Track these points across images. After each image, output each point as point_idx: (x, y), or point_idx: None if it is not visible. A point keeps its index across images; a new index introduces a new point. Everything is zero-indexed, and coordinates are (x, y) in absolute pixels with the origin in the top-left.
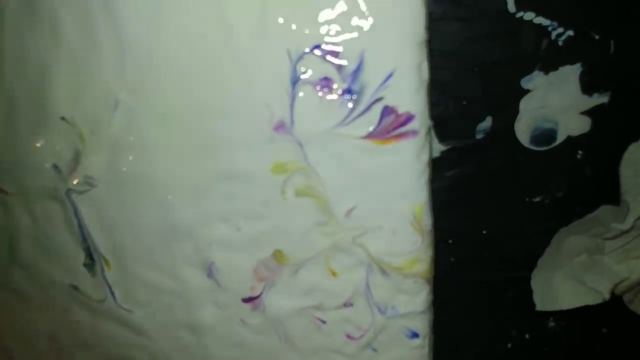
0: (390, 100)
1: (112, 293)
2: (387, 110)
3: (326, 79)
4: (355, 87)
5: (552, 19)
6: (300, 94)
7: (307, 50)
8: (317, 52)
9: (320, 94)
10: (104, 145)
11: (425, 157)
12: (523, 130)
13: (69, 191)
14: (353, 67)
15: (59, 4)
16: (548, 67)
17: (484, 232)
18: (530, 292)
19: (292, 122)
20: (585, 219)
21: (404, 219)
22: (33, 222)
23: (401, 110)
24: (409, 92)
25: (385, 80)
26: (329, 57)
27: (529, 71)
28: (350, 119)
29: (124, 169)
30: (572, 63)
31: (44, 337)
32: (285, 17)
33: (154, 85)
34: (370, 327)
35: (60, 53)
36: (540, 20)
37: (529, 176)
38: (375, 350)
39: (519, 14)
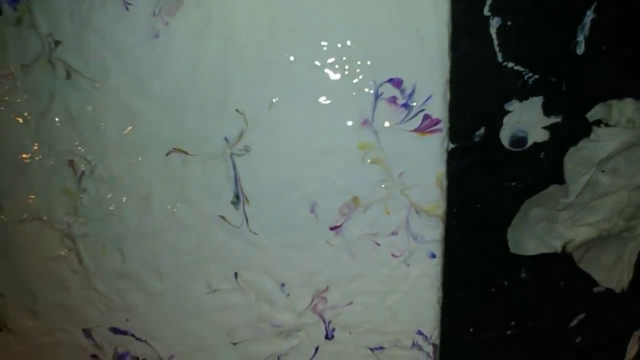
0: (429, 111)
1: (247, 221)
2: (426, 117)
3: (394, 97)
4: (410, 103)
5: (525, 67)
6: (379, 104)
7: (384, 80)
8: (390, 83)
9: (390, 105)
10: (259, 128)
11: (445, 145)
12: (505, 137)
13: (232, 154)
14: (409, 91)
15: (244, 43)
16: (522, 97)
17: (477, 205)
18: (500, 243)
19: (373, 120)
20: (541, 193)
21: (431, 179)
22: (202, 173)
23: (434, 116)
24: (439, 107)
25: (426, 100)
26: (396, 85)
27: (510, 99)
28: (405, 120)
29: (270, 143)
30: (537, 95)
31: (186, 252)
32: (372, 61)
33: (296, 91)
34: (407, 249)
35: (241, 71)
36: (518, 67)
37: (508, 168)
38: (408, 265)
39: (504, 63)
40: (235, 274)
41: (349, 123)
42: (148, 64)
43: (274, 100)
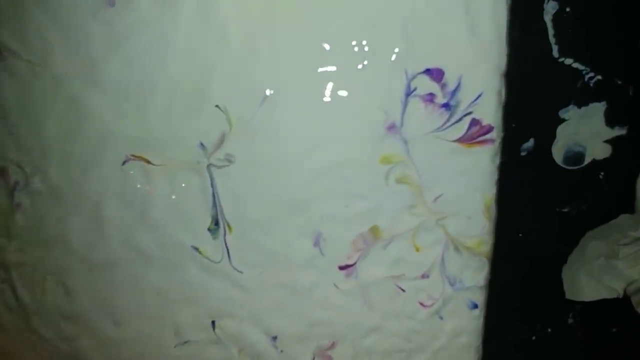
0: (478, 115)
1: (229, 255)
2: (474, 122)
3: (431, 94)
4: (452, 102)
5: (586, 65)
6: (411, 103)
7: (419, 71)
8: (427, 75)
9: (425, 105)
10: (247, 130)
11: (497, 161)
12: (558, 152)
13: (209, 165)
14: (452, 87)
15: (228, 15)
16: (581, 102)
17: (520, 234)
18: (555, 287)
19: (402, 124)
20: (607, 224)
21: (477, 207)
22: (171, 190)
23: (485, 122)
24: (491, 110)
25: (476, 99)
26: (435, 78)
27: (566, 104)
28: (445, 126)
29: (260, 151)
30: (599, 101)
31: (152, 292)
32: (409, 42)
33: (298, 84)
34: (440, 296)
35: (224, 53)
36: (577, 65)
37: (560, 190)
38: (441, 318)
39: (561, 59)
40: (213, 322)
41: (369, 127)
42: (102, 42)
43: (267, 94)
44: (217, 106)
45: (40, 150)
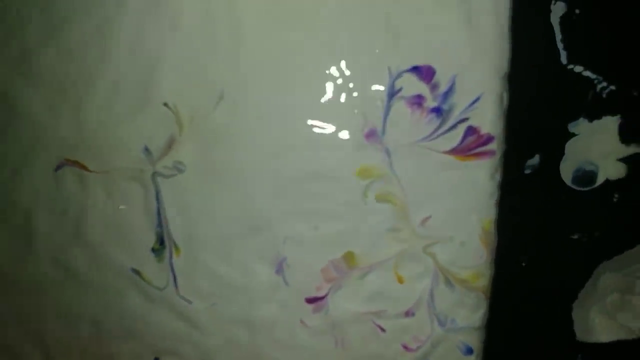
0: (475, 122)
1: (175, 281)
2: (470, 130)
3: (419, 96)
4: (445, 107)
5: (598, 74)
6: (395, 107)
7: (406, 69)
8: (414, 73)
9: (412, 109)
10: (200, 134)
11: (498, 177)
12: (567, 170)
13: (155, 174)
14: (445, 88)
15: (183, 0)
16: (592, 115)
17: (523, 264)
18: (562, 323)
19: (384, 131)
20: (623, 254)
21: (474, 232)
22: (109, 201)
23: (483, 131)
24: (492, 116)
25: (472, 103)
26: (424, 77)
27: (576, 117)
28: (436, 134)
29: (215, 159)
30: (613, 114)
31: (87, 322)
32: (394, 34)
33: (260, 83)
34: (428, 339)
35: (176, 43)
36: (588, 73)
37: (569, 214)
38: None
39: (570, 66)
40: (156, 359)
41: (344, 134)
42: (36, 29)
43: (224, 91)
44: (165, 104)
45: None
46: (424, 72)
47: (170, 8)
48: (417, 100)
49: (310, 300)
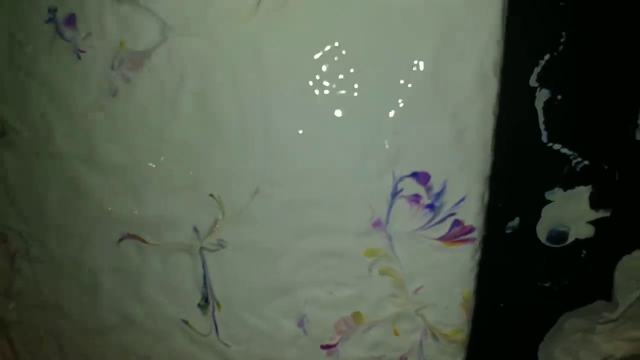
0: (460, 216)
1: (217, 329)
2: (456, 222)
3: (417, 195)
4: (437, 204)
5: (574, 150)
6: (397, 203)
7: (407, 174)
8: (413, 178)
9: (410, 205)
10: (239, 218)
11: (477, 257)
12: (542, 231)
13: (202, 249)
14: (437, 190)
15: (225, 112)
16: (567, 185)
17: (501, 305)
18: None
19: (387, 221)
20: (585, 307)
21: (456, 300)
22: (163, 267)
23: (467, 223)
24: (474, 212)
25: (459, 202)
26: (421, 182)
27: (552, 186)
28: (429, 225)
29: (250, 238)
30: (585, 184)
31: (141, 359)
32: (393, 146)
33: (288, 180)
34: None
35: (221, 148)
36: (565, 150)
37: (543, 265)
38: None
39: (550, 144)
40: None
41: (356, 222)
42: (102, 126)
43: (259, 187)
44: (211, 195)
45: (40, 223)
46: (421, 177)
47: (216, 115)
48: (415, 199)
49: (325, 347)
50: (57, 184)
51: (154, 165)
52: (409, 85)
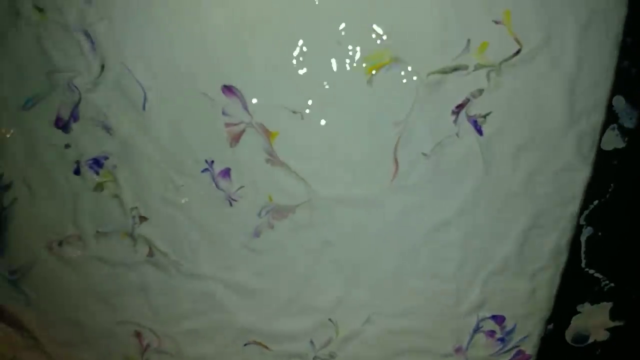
0: (523, 347)
1: None
2: (519, 352)
3: (492, 331)
4: (507, 339)
5: (604, 275)
6: (476, 336)
7: (487, 316)
8: (492, 319)
9: (487, 338)
10: (350, 338)
11: None
12: (570, 334)
13: (315, 357)
14: (509, 328)
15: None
16: (594, 301)
17: None
18: None
19: (467, 349)
20: None
21: None
22: None
23: (527, 352)
24: (533, 345)
25: (523, 339)
26: (498, 322)
27: (583, 301)
28: (499, 353)
29: (356, 354)
30: (608, 301)
31: None
32: (485, 294)
33: (395, 313)
34: None
35: (325, 265)
36: (598, 275)
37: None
38: None
39: (587, 269)
40: None
41: (443, 347)
42: (245, 263)
43: (370, 317)
44: (329, 319)
45: (172, 324)
46: (499, 319)
47: (319, 235)
48: (491, 334)
49: None
50: (191, 295)
51: (280, 289)
52: (500, 257)
